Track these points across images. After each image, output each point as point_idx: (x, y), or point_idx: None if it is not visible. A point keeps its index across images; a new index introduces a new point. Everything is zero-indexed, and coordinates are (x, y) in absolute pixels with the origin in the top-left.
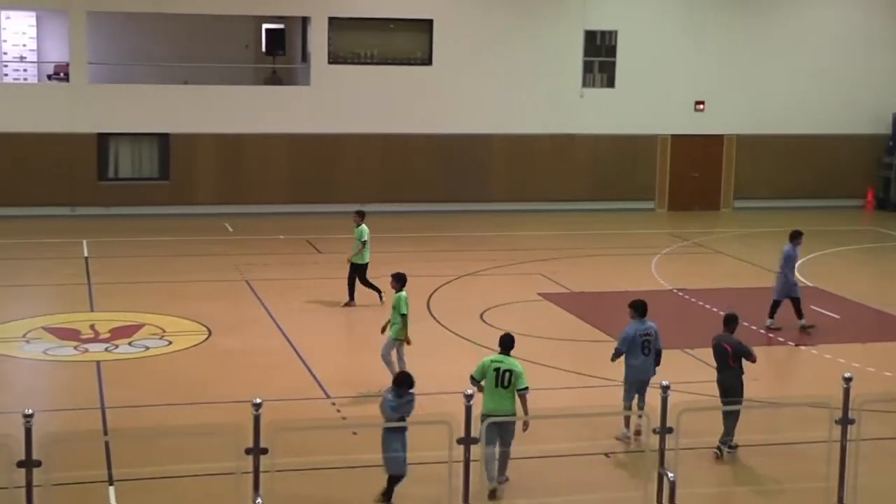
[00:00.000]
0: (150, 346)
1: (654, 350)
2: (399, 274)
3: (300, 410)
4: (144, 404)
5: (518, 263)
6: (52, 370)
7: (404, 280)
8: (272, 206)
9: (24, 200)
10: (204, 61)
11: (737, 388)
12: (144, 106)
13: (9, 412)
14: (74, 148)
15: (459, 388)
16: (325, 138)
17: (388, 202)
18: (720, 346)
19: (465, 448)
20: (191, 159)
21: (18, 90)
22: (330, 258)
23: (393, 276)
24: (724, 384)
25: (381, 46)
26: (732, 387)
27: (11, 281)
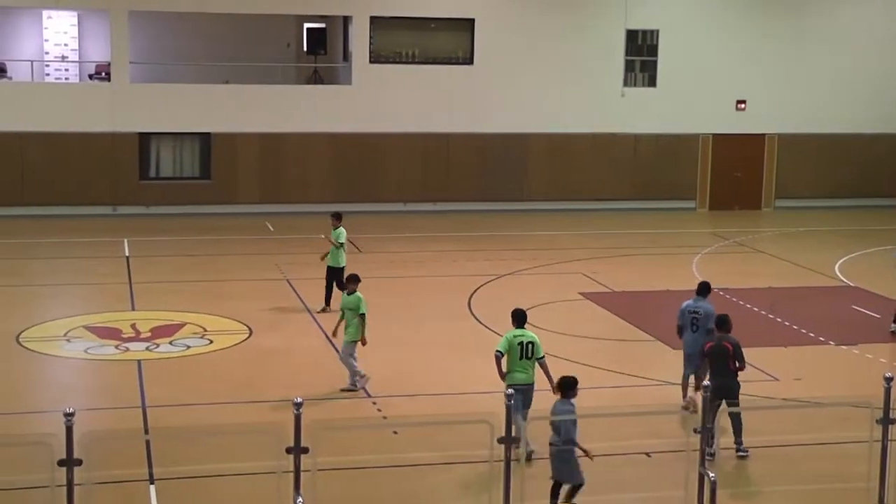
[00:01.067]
0: (191, 345)
1: (702, 329)
2: (354, 275)
3: (341, 409)
4: (185, 403)
5: (559, 263)
6: (93, 369)
7: (358, 280)
8: (313, 206)
9: (67, 200)
10: (245, 61)
11: (734, 389)
12: (186, 105)
13: (50, 411)
14: (116, 147)
15: (500, 388)
16: (366, 137)
17: (429, 201)
18: (721, 346)
19: (506, 447)
20: (232, 159)
21: (60, 90)
22: (371, 257)
23: (347, 277)
24: (724, 386)
25: (422, 46)
26: (731, 389)
27: (53, 280)
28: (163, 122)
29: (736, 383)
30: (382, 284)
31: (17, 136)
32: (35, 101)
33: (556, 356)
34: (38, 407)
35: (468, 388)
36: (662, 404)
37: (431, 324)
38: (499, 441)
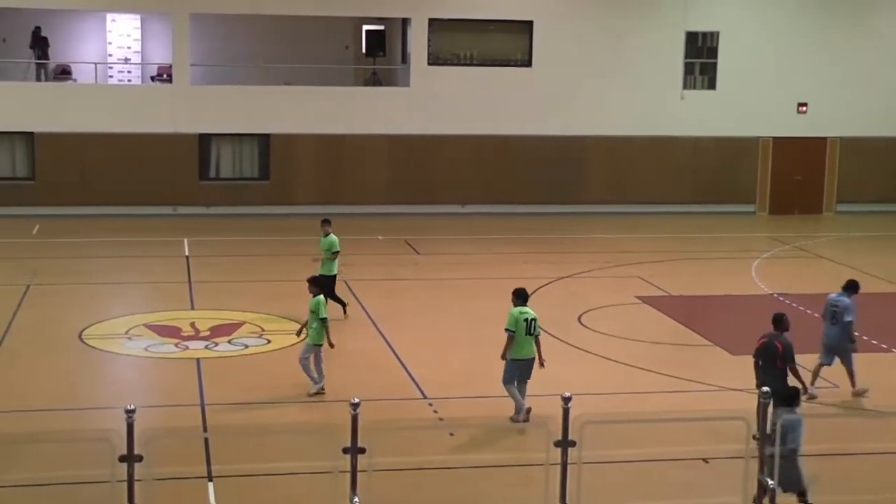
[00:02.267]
0: (250, 344)
1: (841, 322)
2: (316, 277)
3: (397, 410)
4: (243, 402)
5: (616, 266)
6: (153, 367)
7: (320, 283)
8: (371, 207)
9: (128, 200)
10: (304, 62)
11: (779, 388)
12: (245, 107)
13: (111, 407)
14: (176, 148)
15: (556, 391)
16: (424, 139)
17: (486, 203)
18: (772, 345)
19: (563, 451)
20: (291, 160)
21: (123, 91)
22: (428, 259)
23: (309, 281)
24: (767, 383)
25: (480, 48)
26: (776, 388)
27: (115, 279)
28: (223, 124)
29: (782, 384)
30: (440, 286)
31: (80, 136)
32: (98, 102)
33: (612, 359)
34: (100, 403)
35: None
36: (721, 409)
37: (488, 326)
38: (556, 444)
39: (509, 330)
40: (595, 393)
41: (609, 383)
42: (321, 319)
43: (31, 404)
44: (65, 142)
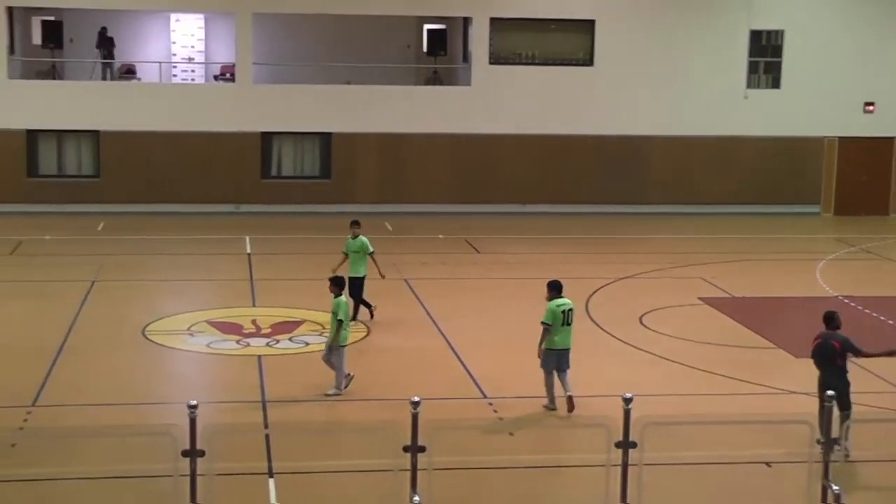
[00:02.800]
0: (310, 342)
1: None
2: (339, 278)
3: (457, 410)
4: (304, 399)
5: (678, 267)
6: (215, 363)
7: (343, 284)
8: (432, 206)
9: (191, 197)
10: (366, 61)
11: (840, 386)
12: (307, 106)
13: (174, 403)
14: (239, 147)
15: (617, 392)
16: (485, 139)
17: (547, 203)
18: (828, 344)
19: (624, 452)
20: (352, 158)
21: (186, 90)
22: (489, 258)
23: (331, 280)
24: (828, 383)
25: (542, 47)
26: (836, 386)
27: (178, 276)
28: (284, 122)
29: (843, 382)
30: (500, 286)
31: (144, 135)
32: (162, 101)
33: (674, 361)
34: (162, 398)
35: (584, 391)
36: (784, 413)
37: None
38: (616, 445)
39: (545, 323)
40: (656, 394)
41: (670, 385)
42: (337, 321)
43: (96, 399)
44: (129, 140)
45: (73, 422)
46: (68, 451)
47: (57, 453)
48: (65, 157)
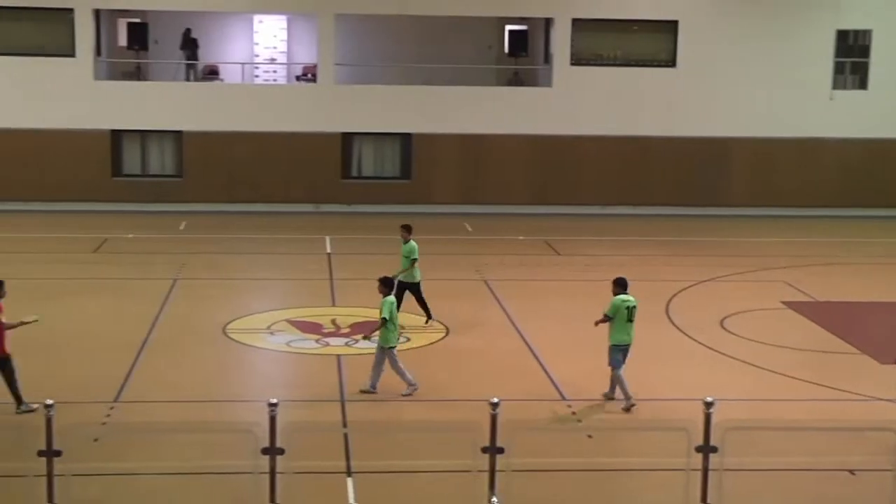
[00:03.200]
0: None
1: None
2: (388, 278)
3: (536, 411)
4: (383, 399)
5: (760, 270)
6: (294, 362)
7: (391, 285)
8: (511, 207)
9: (272, 197)
10: (447, 62)
11: None
12: (388, 106)
13: (254, 401)
14: (320, 147)
15: (698, 396)
16: (566, 140)
17: (627, 204)
18: None
19: (704, 456)
20: (432, 159)
21: (269, 91)
22: (568, 260)
23: (380, 281)
24: None
25: (624, 48)
26: None
27: (259, 275)
28: (365, 123)
29: None
30: (579, 287)
31: (226, 135)
32: (244, 102)
33: (756, 366)
34: (242, 396)
35: (665, 394)
36: (868, 420)
37: None
38: (697, 450)
39: (607, 316)
40: (738, 399)
41: (752, 389)
42: (381, 319)
43: (178, 395)
44: (212, 140)
45: (154, 418)
46: (150, 447)
47: (138, 449)
48: (148, 156)
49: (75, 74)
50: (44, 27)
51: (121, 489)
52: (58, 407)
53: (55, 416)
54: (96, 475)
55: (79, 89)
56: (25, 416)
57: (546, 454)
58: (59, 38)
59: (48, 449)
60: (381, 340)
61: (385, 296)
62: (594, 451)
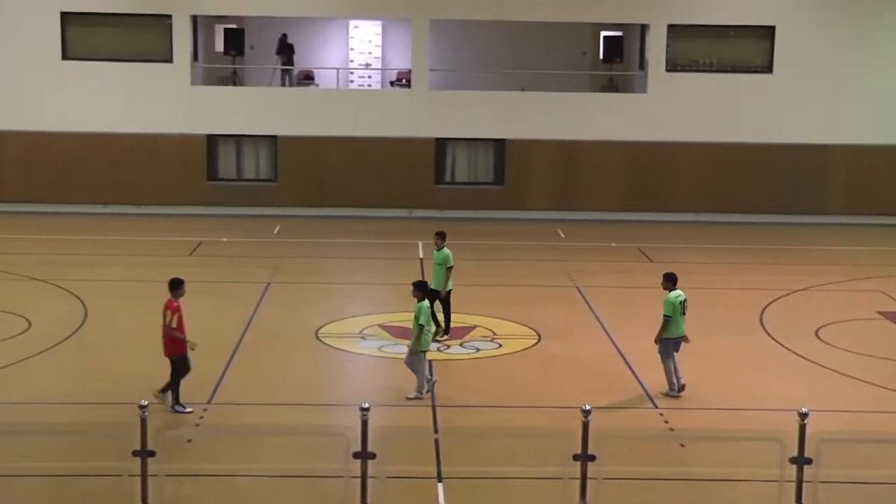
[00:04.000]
0: (481, 347)
1: None
2: (423, 282)
3: (627, 419)
4: (473, 405)
5: (857, 279)
6: (386, 367)
7: (426, 289)
8: (605, 214)
9: (365, 202)
10: (541, 68)
11: None
12: (482, 112)
13: (345, 405)
14: (413, 152)
15: (792, 406)
16: (660, 146)
17: (721, 212)
18: None
19: (799, 468)
20: (525, 165)
21: (363, 96)
22: (661, 267)
23: (415, 285)
24: None
25: (719, 54)
26: None
27: (351, 279)
28: (459, 128)
29: None
30: None
31: (320, 140)
32: (339, 107)
33: (851, 376)
34: (334, 400)
35: (758, 404)
36: None
37: (722, 337)
38: (791, 461)
39: (668, 316)
40: (832, 410)
41: (848, 401)
42: (419, 326)
43: (271, 398)
44: (306, 145)
45: (247, 420)
46: (242, 449)
47: (231, 450)
48: (243, 161)
49: (173, 80)
50: (142, 33)
51: (213, 490)
52: (152, 408)
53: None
54: (189, 476)
55: (176, 94)
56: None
57: (638, 462)
58: (157, 44)
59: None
60: (419, 345)
61: (420, 301)
62: (686, 460)
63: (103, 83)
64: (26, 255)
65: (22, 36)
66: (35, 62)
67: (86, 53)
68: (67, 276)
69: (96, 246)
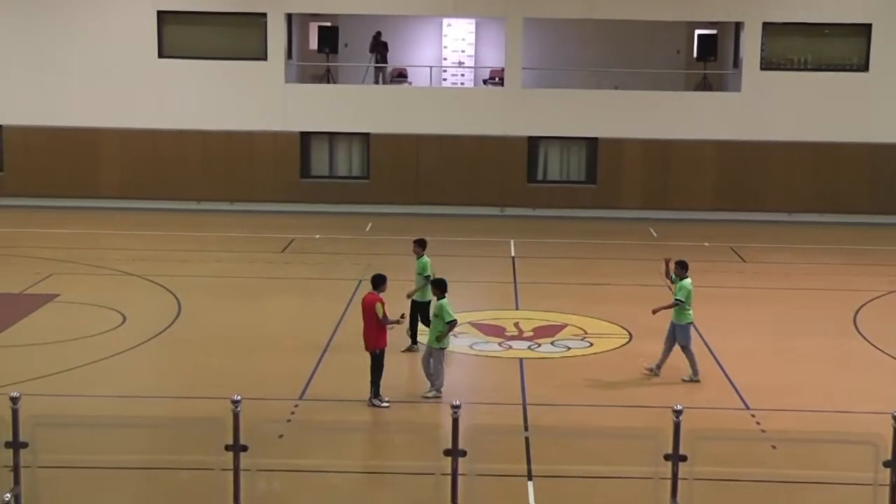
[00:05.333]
0: (572, 346)
1: None
2: (440, 280)
3: (719, 420)
4: (564, 403)
5: None
6: (477, 364)
7: (445, 287)
8: (697, 213)
9: (457, 200)
10: (634, 66)
11: None
12: (574, 110)
13: (436, 402)
14: (506, 151)
15: (887, 409)
16: (754, 145)
17: (815, 212)
18: None
19: (893, 472)
20: (618, 164)
21: (456, 94)
22: (755, 268)
23: (432, 283)
24: None
25: (815, 52)
26: None
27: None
28: (551, 127)
29: None
30: (765, 295)
31: (414, 138)
32: (432, 105)
33: None
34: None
35: (852, 406)
36: None
37: (815, 339)
38: (885, 465)
39: (681, 300)
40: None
41: None
42: (448, 323)
43: (362, 395)
44: (398, 143)
45: (337, 416)
46: (333, 445)
47: (322, 446)
48: (336, 158)
49: (267, 78)
50: (237, 32)
51: (304, 486)
52: (245, 403)
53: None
54: (280, 471)
55: (270, 92)
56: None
57: (729, 463)
58: (252, 42)
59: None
60: (442, 343)
61: (439, 299)
62: (778, 461)
63: (198, 81)
64: (122, 250)
65: (118, 34)
66: (131, 60)
67: (181, 51)
68: (162, 272)
69: (190, 242)
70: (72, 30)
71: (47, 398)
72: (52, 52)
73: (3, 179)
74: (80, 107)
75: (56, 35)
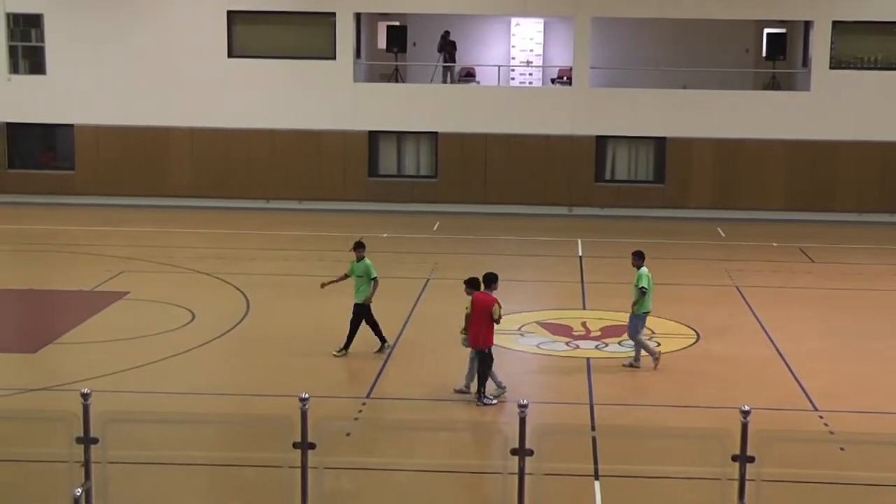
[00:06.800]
0: None
1: None
2: (473, 279)
3: (787, 421)
4: (631, 403)
5: None
6: (544, 364)
7: (477, 285)
8: (766, 213)
9: (524, 199)
10: (703, 66)
11: None
12: (642, 110)
13: (504, 401)
14: (574, 150)
15: None
16: (824, 145)
17: (885, 212)
18: None
19: None
20: (686, 163)
21: (524, 94)
22: (823, 268)
23: (465, 282)
24: None
25: (886, 50)
26: None
27: (510, 276)
28: (619, 126)
29: None
30: (834, 296)
31: (481, 137)
32: (500, 104)
33: None
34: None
35: None
36: None
37: (885, 340)
38: None
39: (645, 288)
40: None
41: None
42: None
43: (428, 394)
44: (466, 142)
45: (405, 415)
46: (400, 443)
47: (389, 445)
48: (404, 157)
49: (336, 77)
50: (306, 31)
51: (371, 483)
52: (312, 401)
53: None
54: (348, 469)
55: (338, 91)
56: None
57: (797, 465)
58: (320, 42)
59: (303, 441)
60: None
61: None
62: (846, 464)
63: (267, 80)
64: (191, 248)
65: (189, 34)
66: (201, 60)
67: (251, 51)
68: (230, 270)
69: (259, 240)
70: (143, 30)
71: (118, 394)
72: (123, 52)
73: (75, 178)
74: (151, 106)
75: (127, 35)
